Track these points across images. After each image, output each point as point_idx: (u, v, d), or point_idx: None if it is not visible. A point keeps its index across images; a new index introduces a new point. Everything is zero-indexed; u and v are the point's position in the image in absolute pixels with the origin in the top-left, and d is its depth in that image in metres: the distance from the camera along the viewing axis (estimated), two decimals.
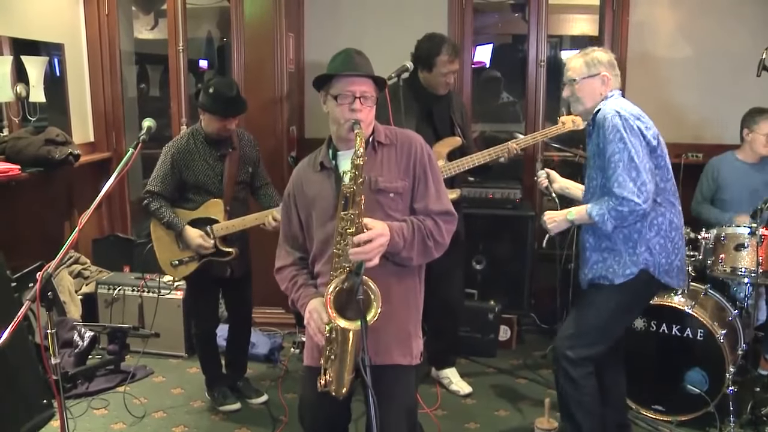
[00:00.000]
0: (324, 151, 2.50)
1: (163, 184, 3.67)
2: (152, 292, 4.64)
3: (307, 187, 2.49)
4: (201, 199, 3.70)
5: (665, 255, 2.93)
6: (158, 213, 3.67)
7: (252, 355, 4.41)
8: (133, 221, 5.72)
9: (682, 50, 5.05)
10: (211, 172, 3.68)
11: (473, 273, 4.89)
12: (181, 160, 3.66)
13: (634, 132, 2.80)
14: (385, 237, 2.26)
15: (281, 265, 2.56)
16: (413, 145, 2.47)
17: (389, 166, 2.43)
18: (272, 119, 4.93)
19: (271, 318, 5.13)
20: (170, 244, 3.76)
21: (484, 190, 4.91)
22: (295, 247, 2.56)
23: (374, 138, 2.45)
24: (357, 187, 2.22)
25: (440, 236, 2.42)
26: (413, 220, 2.40)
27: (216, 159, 3.69)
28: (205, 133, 3.69)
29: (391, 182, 2.42)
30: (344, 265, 2.24)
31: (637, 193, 2.75)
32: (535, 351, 4.84)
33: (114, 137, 5.61)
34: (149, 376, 4.46)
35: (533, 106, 5.27)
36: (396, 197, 2.42)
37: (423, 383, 4.22)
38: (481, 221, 4.78)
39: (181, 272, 3.79)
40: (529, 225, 4.83)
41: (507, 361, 4.67)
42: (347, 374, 2.30)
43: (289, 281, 2.51)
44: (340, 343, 2.27)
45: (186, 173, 3.67)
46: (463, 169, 3.81)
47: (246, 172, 3.81)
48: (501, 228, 4.87)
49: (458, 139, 3.91)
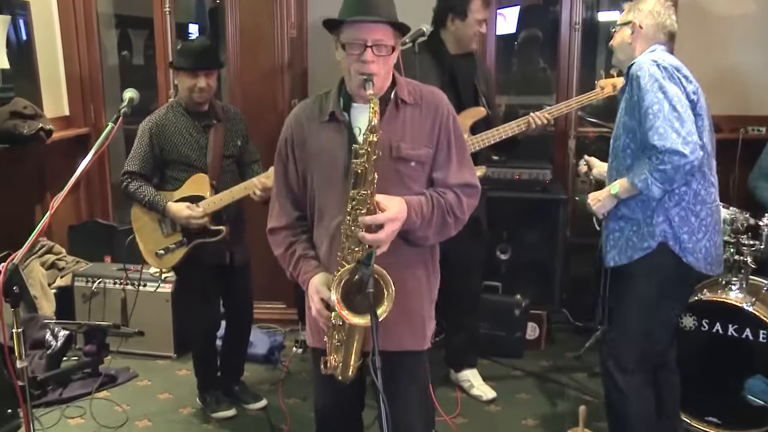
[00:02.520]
0: (335, 99, 2.43)
1: (142, 162, 3.72)
2: (137, 284, 4.64)
3: (311, 139, 2.44)
4: (185, 176, 3.74)
5: (688, 230, 2.92)
6: (138, 193, 3.71)
7: (249, 356, 4.41)
8: (115, 205, 5.74)
9: (743, 5, 4.98)
10: (195, 145, 3.72)
11: (497, 264, 4.88)
12: (160, 135, 3.71)
13: (674, 80, 2.80)
14: (399, 221, 2.26)
15: (275, 225, 2.55)
16: (440, 106, 2.44)
17: (413, 129, 2.40)
18: (272, 92, 4.94)
19: (270, 313, 5.15)
20: (153, 232, 3.80)
21: (510, 171, 4.88)
22: (292, 203, 2.53)
23: (396, 95, 2.40)
24: (369, 165, 2.19)
25: (461, 212, 2.43)
26: (433, 194, 2.39)
27: (199, 131, 3.74)
28: (184, 103, 3.75)
29: (414, 149, 2.39)
30: (353, 249, 2.25)
31: (681, 143, 2.71)
32: (567, 352, 4.83)
33: (92, 110, 5.60)
34: (133, 379, 4.47)
35: (566, 75, 5.21)
36: (417, 166, 2.40)
37: (441, 386, 4.25)
38: (506, 205, 4.76)
39: (168, 262, 3.82)
40: (561, 209, 4.80)
41: (535, 363, 4.68)
42: (354, 360, 2.36)
43: (285, 249, 2.50)
44: (346, 332, 2.31)
45: (167, 149, 3.71)
46: (488, 143, 3.82)
47: (234, 145, 3.84)
48: (528, 213, 4.84)
49: (483, 110, 3.91)
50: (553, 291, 4.91)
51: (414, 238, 2.38)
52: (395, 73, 2.44)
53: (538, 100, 5.77)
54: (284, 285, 4.60)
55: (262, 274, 4.26)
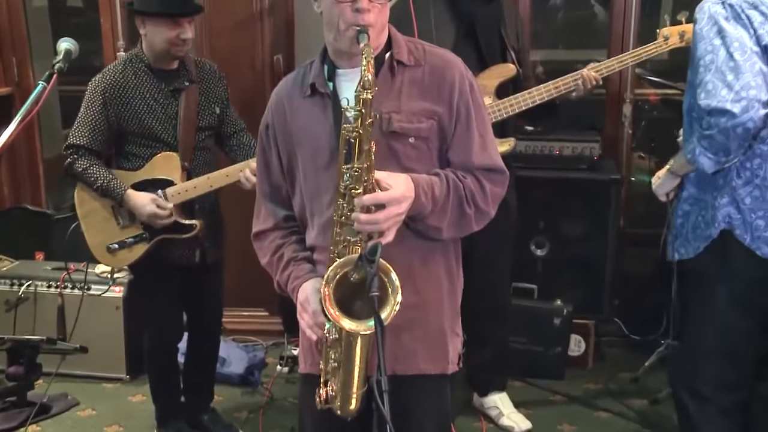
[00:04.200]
0: (317, 68, 2.39)
1: (93, 134, 3.56)
2: (79, 288, 4.49)
3: (293, 118, 2.41)
4: (149, 154, 3.60)
5: (763, 215, 2.80)
6: (87, 175, 3.55)
7: (222, 376, 4.32)
8: (49, 187, 5.64)
9: None
10: (161, 114, 3.57)
11: (531, 261, 4.65)
12: (117, 99, 3.55)
13: (740, 22, 2.69)
14: (404, 202, 2.17)
15: (261, 229, 2.52)
16: (450, 69, 2.37)
17: (410, 98, 2.34)
18: (249, 45, 4.83)
19: (249, 323, 5.06)
20: (105, 222, 3.64)
21: (548, 144, 4.62)
22: (279, 203, 2.51)
23: (392, 55, 2.35)
24: (364, 131, 2.12)
25: (484, 201, 2.34)
26: (449, 175, 2.32)
27: (167, 96, 3.60)
28: (149, 58, 3.58)
29: (411, 121, 2.31)
30: (348, 239, 2.18)
31: (731, 100, 2.60)
32: (621, 371, 4.60)
33: (15, 65, 5.44)
34: (72, 408, 4.34)
35: (620, 22, 4.97)
36: (418, 143, 2.33)
37: (462, 414, 4.11)
38: (542, 188, 4.56)
39: (123, 259, 3.68)
40: (613, 192, 4.53)
41: (580, 386, 4.49)
42: (356, 387, 2.26)
43: (272, 254, 2.47)
44: (344, 347, 2.23)
45: (125, 118, 3.56)
46: (518, 110, 3.65)
47: (211, 113, 3.71)
48: (572, 197, 4.61)
49: (511, 67, 3.71)
50: (603, 295, 4.64)
51: (424, 228, 2.30)
52: (392, 29, 2.39)
53: (584, 54, 5.50)
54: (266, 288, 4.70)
55: (238, 275, 4.21)
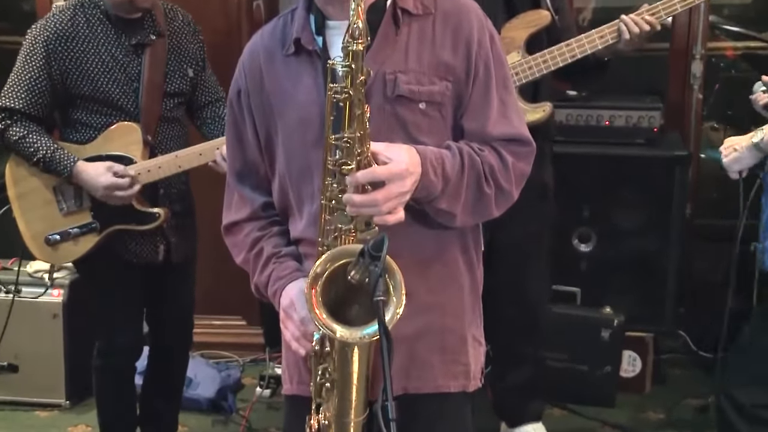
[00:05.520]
0: (302, 19, 2.29)
1: (31, 95, 3.40)
2: (7, 291, 4.31)
3: (272, 81, 2.32)
4: (102, 123, 3.43)
5: None
6: (24, 144, 3.39)
7: (188, 400, 4.13)
8: None
9: None
10: (119, 74, 3.40)
11: (573, 258, 4.38)
12: (63, 53, 3.37)
13: None
14: (408, 179, 2.06)
15: (233, 219, 2.40)
16: (466, 15, 2.31)
17: (420, 54, 2.24)
18: None
19: (222, 334, 4.91)
20: (45, 205, 3.48)
21: (594, 112, 4.32)
22: (256, 187, 2.41)
23: (395, 3, 2.27)
24: (355, 91, 2.04)
25: (506, 179, 2.25)
26: (462, 147, 2.23)
27: (128, 52, 3.41)
28: (106, 3, 3.41)
29: (421, 83, 2.22)
30: (339, 227, 2.12)
31: None
32: (687, 397, 4.36)
33: None
34: None
35: None
36: (430, 110, 2.24)
37: None
38: (587, 168, 4.31)
39: (66, 254, 3.53)
40: (677, 173, 4.21)
41: (635, 415, 4.26)
42: (354, 414, 2.17)
43: (248, 250, 2.37)
44: (338, 362, 2.14)
45: (73, 77, 3.38)
46: (553, 67, 3.51)
47: (182, 76, 3.55)
48: (625, 179, 4.33)
49: (545, 14, 3.59)
50: (664, 302, 4.35)
51: (433, 213, 2.19)
52: None
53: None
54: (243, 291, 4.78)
55: (210, 276, 4.21)
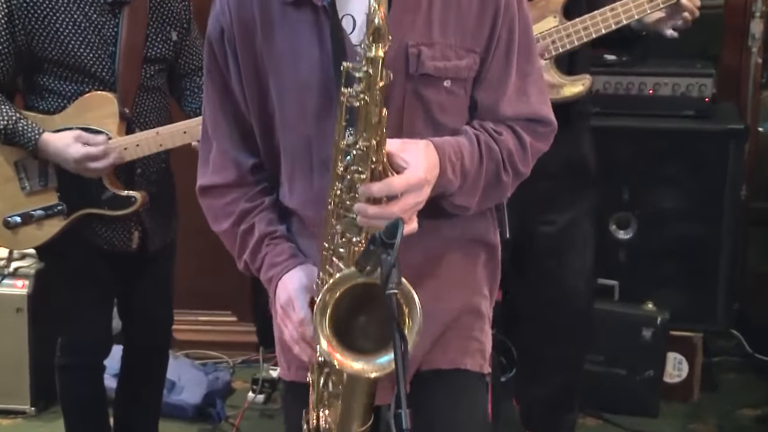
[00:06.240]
0: None
1: None
2: None
3: (267, 32, 2.07)
4: (72, 92, 3.31)
5: None
6: None
7: (171, 407, 4.03)
8: None
9: None
10: (93, 37, 3.29)
11: (611, 246, 4.19)
12: (29, 11, 3.26)
13: None
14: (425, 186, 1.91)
15: (215, 182, 2.18)
16: None
17: (445, 20, 2.04)
18: None
19: (209, 332, 4.72)
20: (4, 183, 3.41)
21: (637, 80, 4.14)
22: (241, 143, 2.20)
23: None
24: (373, 99, 1.82)
25: (523, 162, 2.12)
26: (479, 134, 2.05)
27: (103, 11, 3.29)
28: None
29: (447, 57, 2.03)
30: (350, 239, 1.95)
31: None
32: (743, 407, 4.16)
33: None
34: None
35: None
36: (455, 88, 2.04)
37: None
38: (628, 143, 4.14)
39: (28, 239, 3.42)
40: (731, 150, 4.01)
41: (682, 426, 4.11)
42: (360, 423, 2.07)
43: (234, 223, 2.15)
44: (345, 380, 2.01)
45: (39, 38, 3.27)
46: (597, 34, 3.39)
47: (165, 40, 3.44)
48: (671, 156, 4.14)
49: None
50: (716, 297, 4.16)
51: (447, 204, 2.08)
52: None
53: None
54: (233, 284, 4.43)
55: (195, 267, 4.18)
